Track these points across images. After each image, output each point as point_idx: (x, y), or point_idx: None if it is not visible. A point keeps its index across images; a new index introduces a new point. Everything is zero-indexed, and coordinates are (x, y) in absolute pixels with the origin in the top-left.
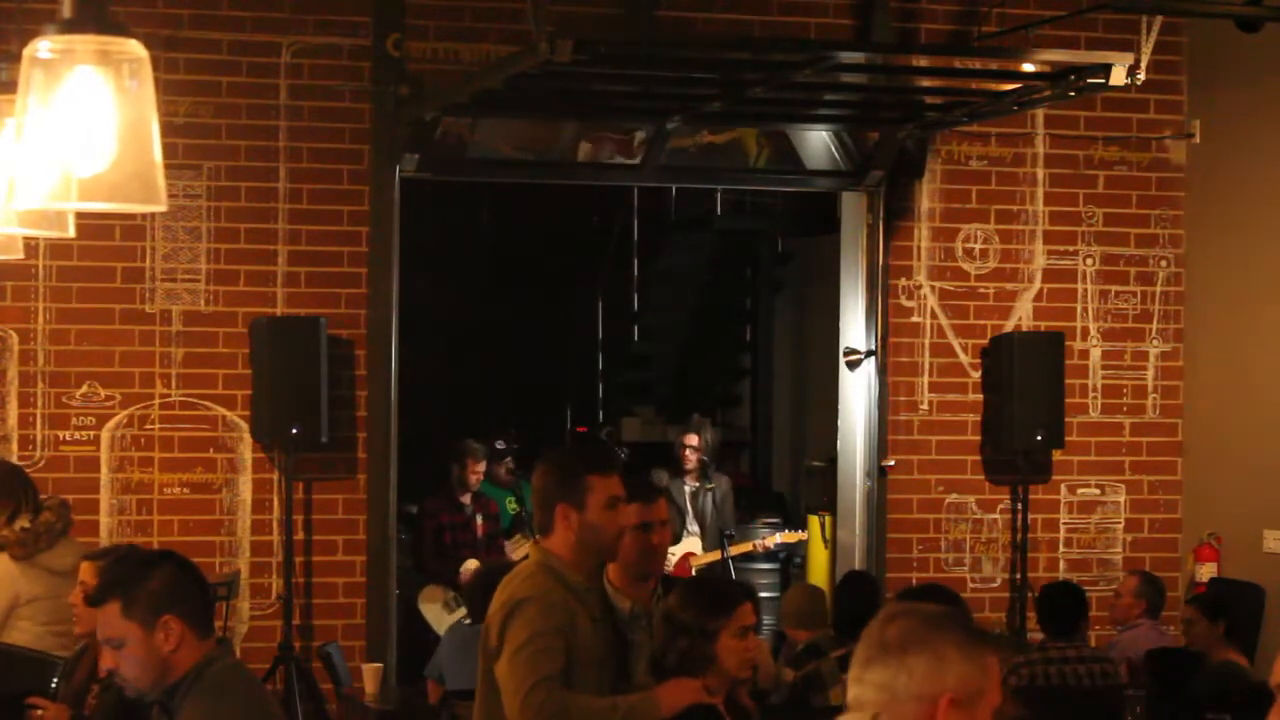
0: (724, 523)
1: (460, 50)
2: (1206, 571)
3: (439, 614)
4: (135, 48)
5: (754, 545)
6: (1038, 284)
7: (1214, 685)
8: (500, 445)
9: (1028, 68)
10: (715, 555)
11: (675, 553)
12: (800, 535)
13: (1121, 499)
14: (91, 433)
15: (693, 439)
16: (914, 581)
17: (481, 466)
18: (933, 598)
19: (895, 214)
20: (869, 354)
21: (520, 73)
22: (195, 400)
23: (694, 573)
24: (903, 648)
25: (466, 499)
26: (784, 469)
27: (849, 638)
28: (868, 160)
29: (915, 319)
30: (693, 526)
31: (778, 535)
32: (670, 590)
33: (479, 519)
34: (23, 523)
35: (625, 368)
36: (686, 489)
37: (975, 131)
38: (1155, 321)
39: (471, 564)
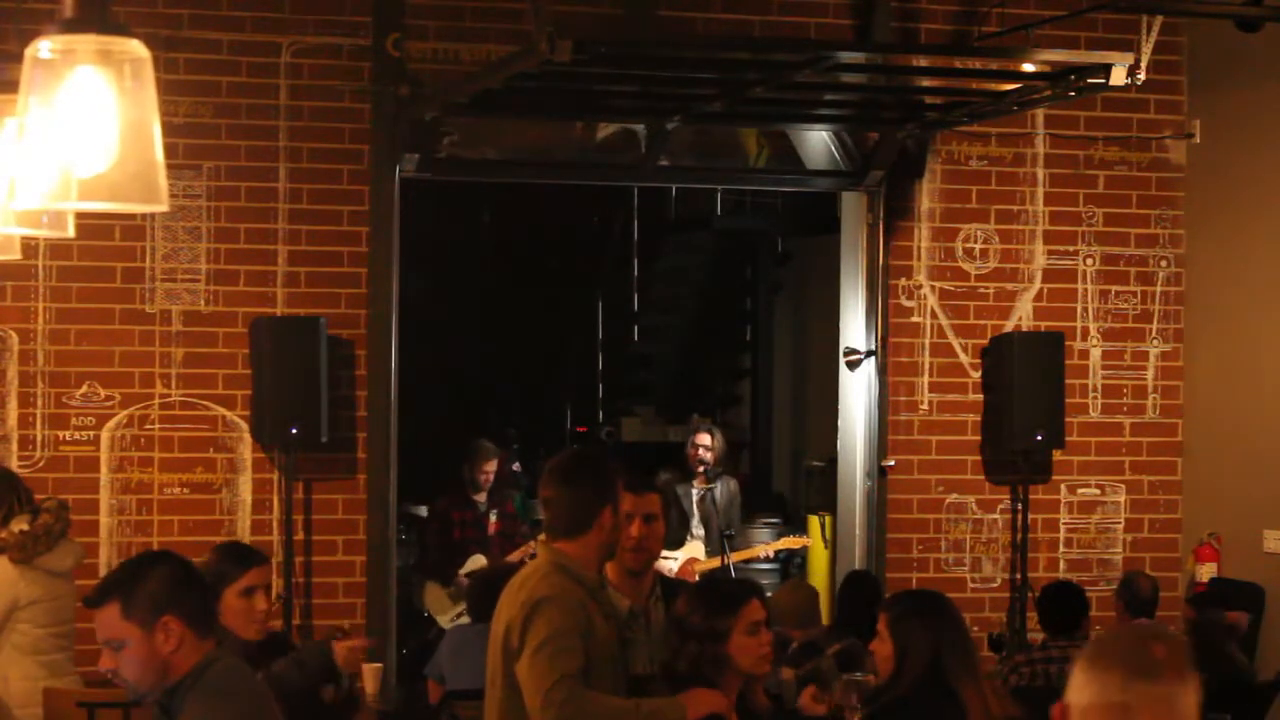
0: (727, 525)
1: (460, 50)
2: (1206, 571)
3: (442, 602)
4: (137, 48)
5: (759, 552)
6: (1038, 284)
7: (1214, 685)
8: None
9: (1028, 68)
10: (716, 562)
11: (679, 557)
12: (804, 541)
13: (1121, 499)
14: (91, 433)
15: (704, 439)
16: (914, 582)
17: (493, 465)
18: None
19: (895, 214)
20: (869, 354)
21: (520, 73)
22: (195, 400)
23: (697, 577)
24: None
25: (481, 498)
26: (784, 469)
27: (848, 634)
28: (868, 160)
29: (915, 319)
30: (698, 530)
31: (780, 541)
32: (671, 595)
33: (493, 516)
34: (21, 525)
35: (625, 368)
36: (694, 492)
37: (975, 131)
38: (1155, 321)
39: (479, 559)
